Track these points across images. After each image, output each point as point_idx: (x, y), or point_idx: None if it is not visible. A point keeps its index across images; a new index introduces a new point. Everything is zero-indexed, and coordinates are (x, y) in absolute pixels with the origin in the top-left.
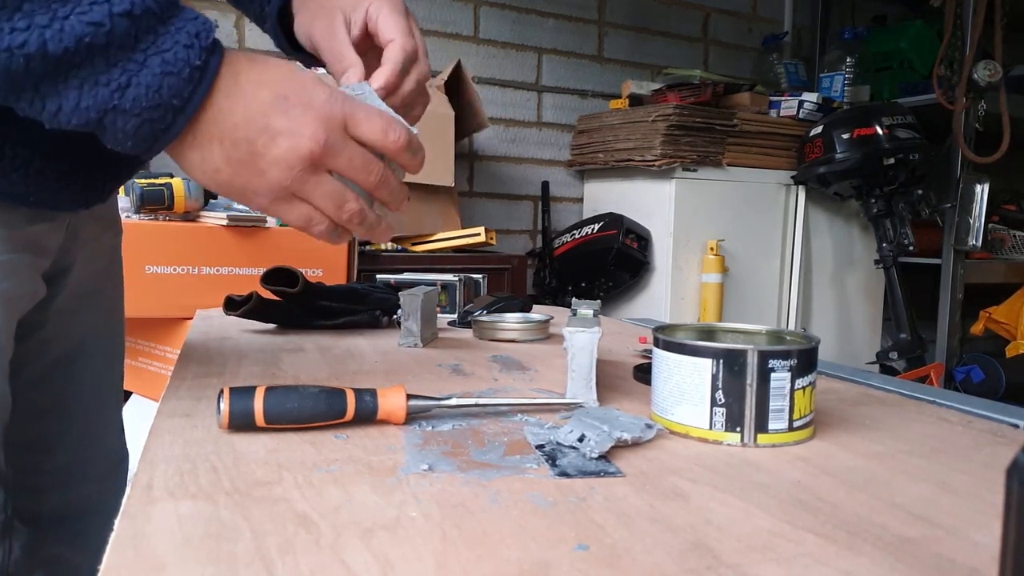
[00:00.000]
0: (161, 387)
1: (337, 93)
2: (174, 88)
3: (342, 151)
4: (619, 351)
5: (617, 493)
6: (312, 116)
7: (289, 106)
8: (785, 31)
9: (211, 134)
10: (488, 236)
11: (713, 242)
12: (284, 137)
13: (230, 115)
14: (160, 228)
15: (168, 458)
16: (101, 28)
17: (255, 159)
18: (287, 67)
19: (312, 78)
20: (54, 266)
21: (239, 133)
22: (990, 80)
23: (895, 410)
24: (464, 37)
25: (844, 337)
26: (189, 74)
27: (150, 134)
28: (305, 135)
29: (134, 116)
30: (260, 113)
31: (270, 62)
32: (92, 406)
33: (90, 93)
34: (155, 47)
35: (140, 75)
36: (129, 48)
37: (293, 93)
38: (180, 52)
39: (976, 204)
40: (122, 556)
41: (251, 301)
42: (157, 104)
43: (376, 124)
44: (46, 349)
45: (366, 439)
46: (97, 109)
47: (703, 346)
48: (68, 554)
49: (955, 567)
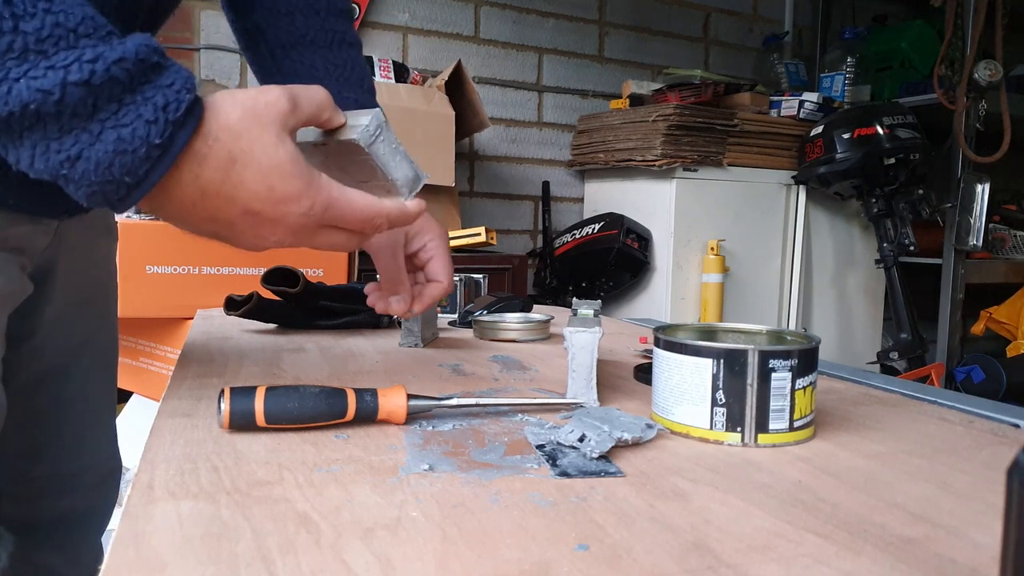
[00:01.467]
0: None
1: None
2: (127, 166)
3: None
4: (620, 351)
5: (618, 493)
6: (281, 230)
7: (257, 222)
8: (786, 31)
9: (175, 214)
10: (489, 236)
11: (714, 242)
12: (248, 240)
13: (192, 216)
14: (161, 228)
15: (169, 458)
16: (50, 96)
17: (224, 238)
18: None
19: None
20: (37, 269)
21: (203, 229)
22: (991, 80)
23: (896, 410)
24: (465, 37)
25: (845, 337)
26: (147, 152)
27: (103, 202)
28: (270, 240)
29: (84, 187)
30: (226, 223)
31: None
32: (84, 415)
33: (42, 157)
34: (114, 119)
35: (92, 149)
36: (85, 117)
37: (266, 208)
38: (140, 128)
39: (977, 204)
40: (123, 555)
41: (252, 301)
42: (108, 180)
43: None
44: (37, 358)
45: (367, 439)
46: (49, 172)
47: (704, 346)
48: (57, 563)
49: (955, 567)
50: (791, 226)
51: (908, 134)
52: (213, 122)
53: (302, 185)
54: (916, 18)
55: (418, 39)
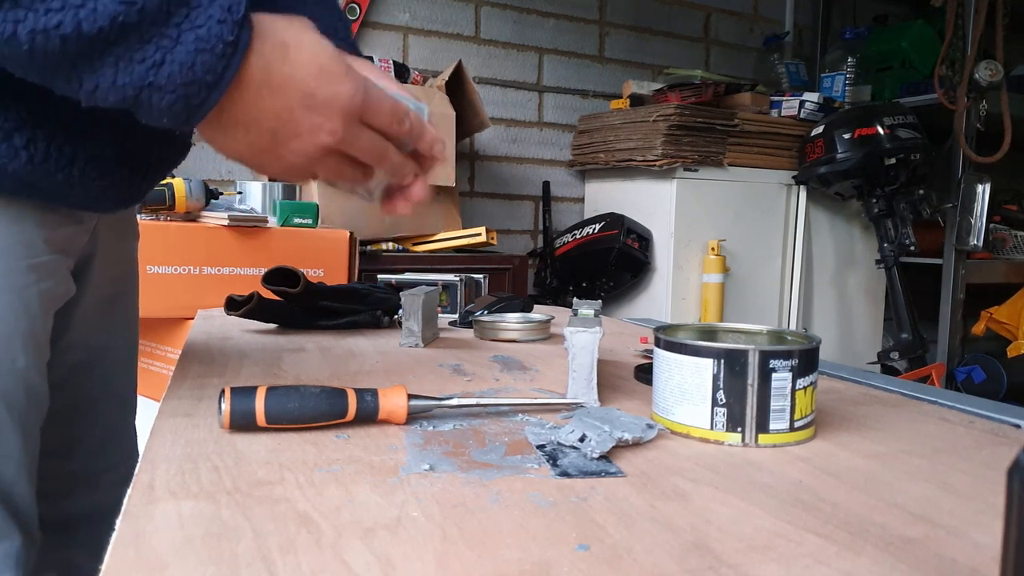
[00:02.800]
0: (162, 387)
1: (360, 83)
2: (208, 64)
3: (356, 141)
4: (620, 351)
5: (618, 493)
6: (335, 114)
7: (315, 103)
8: (786, 31)
9: (237, 119)
10: (489, 236)
11: (714, 242)
12: (306, 131)
13: (257, 106)
14: (162, 228)
15: (169, 458)
16: (133, 6)
17: (275, 147)
18: (319, 57)
19: (341, 70)
20: (76, 267)
21: (264, 124)
22: (991, 80)
23: (896, 410)
24: (465, 37)
25: (845, 337)
26: (222, 50)
27: (184, 110)
28: (325, 130)
29: (169, 92)
30: (286, 109)
31: (303, 49)
32: (109, 411)
33: (126, 71)
34: (188, 22)
35: (174, 52)
36: (162, 24)
37: (320, 88)
38: (214, 27)
39: (977, 204)
40: (123, 555)
41: (252, 301)
42: (191, 80)
43: (387, 113)
44: (67, 354)
45: (367, 439)
46: (134, 86)
47: (704, 346)
48: (80, 559)
49: (956, 567)
50: (791, 226)
51: (909, 134)
52: (263, 20)
53: (348, 65)
54: (917, 18)
55: (418, 39)
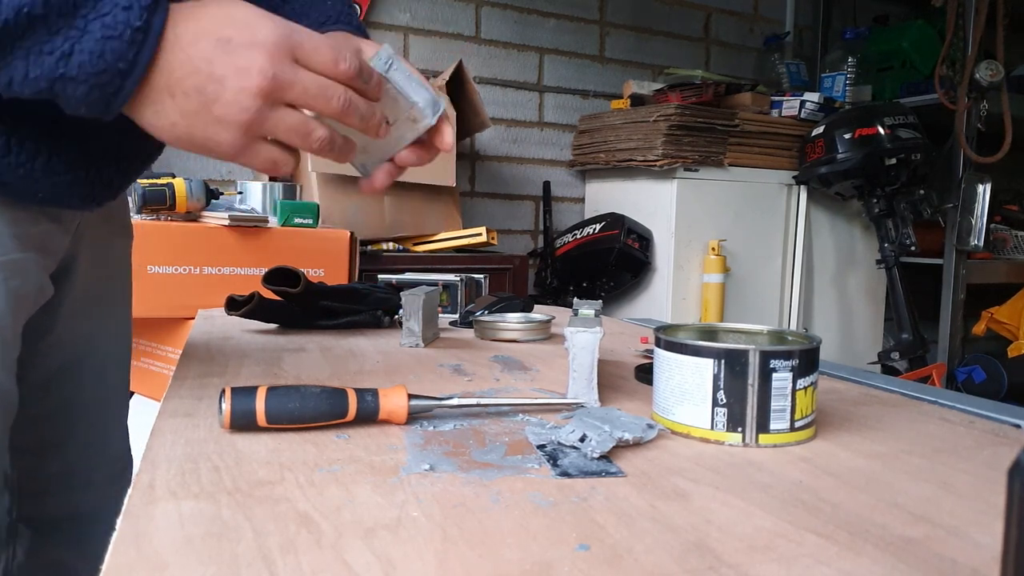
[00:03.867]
0: (163, 387)
1: (282, 25)
2: (117, 52)
3: (294, 81)
4: (620, 351)
5: (618, 493)
6: (257, 52)
7: (232, 47)
8: (787, 31)
9: (160, 89)
10: (489, 236)
11: (715, 242)
12: (231, 79)
13: (175, 69)
14: (162, 228)
15: (170, 458)
16: None
17: (208, 107)
18: (227, 7)
19: (255, 13)
20: (59, 268)
21: (187, 84)
22: (992, 80)
23: (897, 410)
24: (466, 37)
25: (846, 337)
26: (131, 36)
27: (101, 98)
28: (252, 71)
29: (82, 83)
30: (204, 60)
31: (208, 7)
32: (97, 411)
33: (36, 63)
34: (95, 11)
35: (81, 42)
36: (69, 15)
37: (235, 33)
38: (120, 15)
39: (978, 204)
40: (124, 555)
41: (253, 301)
42: (103, 69)
43: (325, 53)
44: (54, 353)
45: (367, 439)
46: (46, 78)
47: (705, 346)
48: (70, 559)
49: (956, 567)
50: (792, 226)
51: (909, 134)
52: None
53: (260, 11)
54: (917, 18)
55: (419, 39)
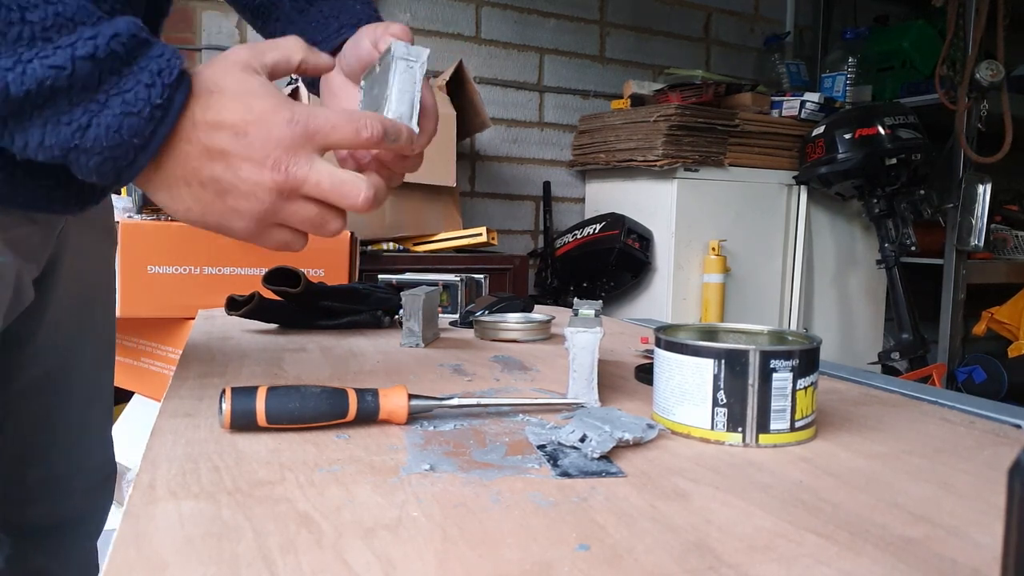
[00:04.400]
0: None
1: (299, 112)
2: (134, 128)
3: (307, 178)
4: (621, 351)
5: (618, 493)
6: (273, 145)
7: (249, 141)
8: (787, 31)
9: (176, 176)
10: (490, 236)
11: (715, 242)
12: (247, 172)
13: (191, 159)
14: (162, 228)
15: (170, 458)
16: (63, 71)
17: (223, 197)
18: (246, 95)
19: (273, 103)
20: (42, 273)
21: (203, 174)
22: (992, 80)
23: (897, 410)
24: (466, 37)
25: (846, 337)
26: (150, 113)
27: (112, 171)
28: (267, 167)
29: (96, 155)
30: (220, 152)
31: (227, 92)
32: (80, 419)
33: (53, 132)
34: (117, 88)
35: (101, 116)
36: (91, 89)
37: (252, 125)
38: (141, 92)
39: (978, 204)
40: (124, 555)
41: (253, 301)
42: (118, 144)
43: (345, 130)
44: (37, 360)
45: (368, 439)
46: (60, 147)
47: (705, 346)
48: (52, 567)
49: (956, 567)
50: (792, 226)
51: (909, 134)
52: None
53: (278, 100)
54: (917, 18)
55: (419, 39)
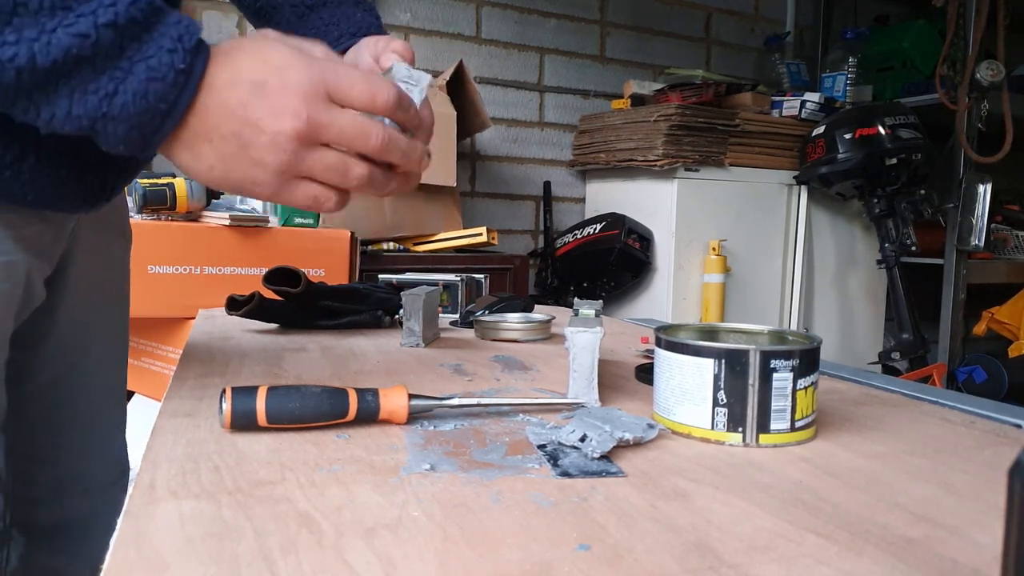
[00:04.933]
0: (163, 387)
1: (317, 64)
2: (160, 93)
3: (330, 123)
4: (621, 351)
5: (619, 493)
6: (291, 94)
7: (266, 91)
8: (787, 31)
9: (198, 134)
10: (490, 236)
11: (715, 242)
12: (267, 123)
13: (212, 114)
14: (163, 228)
15: (171, 457)
16: (87, 39)
17: (245, 150)
18: (261, 50)
19: (287, 54)
20: (54, 272)
21: (224, 128)
22: (992, 80)
23: (897, 410)
24: (466, 37)
25: (846, 337)
26: (174, 78)
27: (139, 138)
28: (287, 114)
29: (123, 122)
30: (239, 105)
31: (244, 50)
32: (93, 418)
33: (80, 101)
34: (140, 54)
35: (127, 82)
36: (115, 57)
37: (269, 76)
38: (164, 57)
39: (979, 204)
40: (124, 555)
41: (253, 301)
42: (145, 109)
43: (362, 88)
44: (52, 360)
45: (368, 439)
46: (88, 116)
47: (705, 346)
48: (64, 566)
49: (957, 567)
50: (792, 226)
51: (910, 134)
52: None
53: (294, 53)
54: (918, 18)
55: (419, 39)
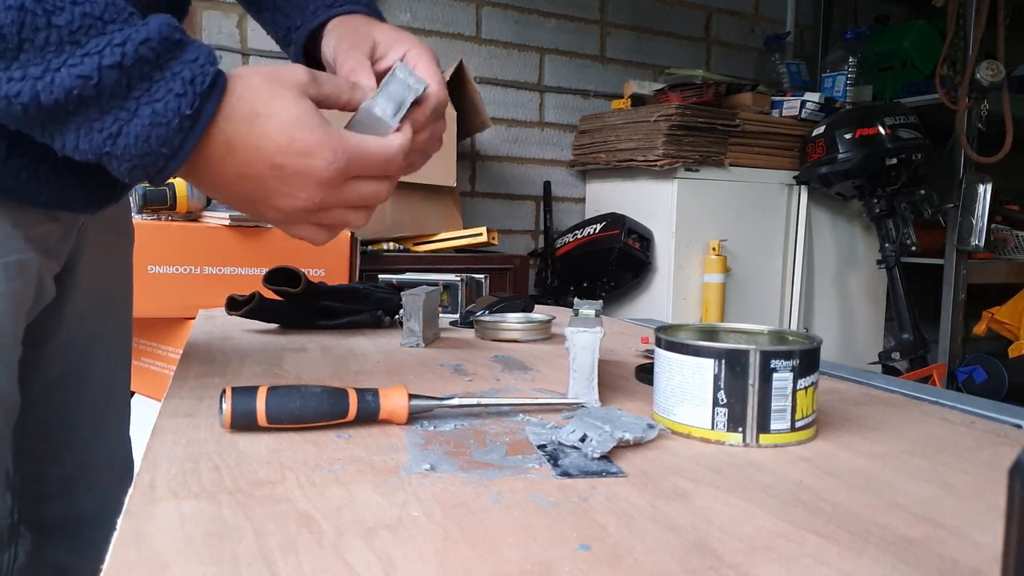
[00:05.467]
0: (163, 387)
1: (340, 152)
2: (163, 138)
3: (339, 201)
4: (621, 351)
5: (619, 493)
6: (310, 183)
7: (285, 174)
8: (787, 31)
9: (209, 181)
10: (490, 236)
11: (715, 242)
12: (281, 196)
13: (224, 173)
14: (163, 228)
15: (171, 458)
16: (89, 81)
17: (255, 206)
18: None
19: (316, 138)
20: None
21: (235, 189)
22: (993, 80)
23: (897, 410)
24: (466, 37)
25: (846, 337)
26: (179, 124)
27: (143, 175)
28: (300, 199)
29: (126, 161)
30: (256, 178)
31: (273, 119)
32: (100, 415)
33: (86, 138)
34: (147, 95)
35: (130, 125)
36: (121, 97)
37: (289, 161)
38: (171, 102)
39: (979, 204)
40: (125, 555)
41: (253, 301)
42: (147, 152)
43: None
44: (58, 357)
45: (368, 439)
46: (94, 152)
47: (705, 346)
48: (71, 562)
49: (957, 568)
50: (793, 226)
51: (910, 134)
52: (237, 85)
53: (322, 135)
54: (918, 18)
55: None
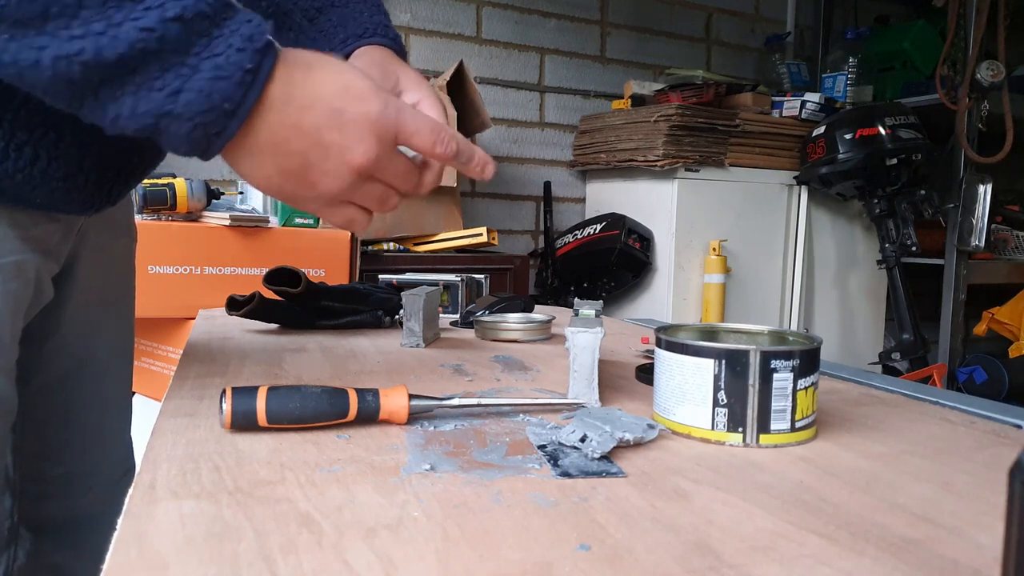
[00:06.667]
0: (164, 387)
1: (392, 103)
2: (225, 92)
3: (389, 163)
4: (621, 351)
5: (619, 493)
6: (366, 130)
7: (343, 120)
8: (788, 31)
9: (264, 144)
10: (490, 236)
11: (715, 242)
12: (336, 151)
13: (283, 128)
14: (163, 228)
15: (171, 457)
16: (153, 33)
17: (307, 171)
18: (344, 75)
19: (368, 88)
20: (61, 270)
21: (292, 146)
22: (993, 80)
23: (898, 411)
24: (466, 37)
25: (847, 338)
26: (241, 78)
27: (203, 138)
28: (358, 151)
29: (187, 120)
30: (313, 128)
31: (327, 69)
32: (100, 415)
33: (145, 98)
34: (208, 51)
35: (192, 80)
36: (182, 52)
37: (348, 106)
38: (233, 56)
39: (979, 204)
40: (125, 555)
41: (253, 301)
42: (209, 108)
43: (426, 137)
44: (58, 357)
45: (368, 439)
46: (153, 114)
47: (705, 346)
48: (70, 562)
49: (957, 568)
50: (793, 226)
51: (910, 134)
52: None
53: (374, 86)
54: (918, 18)
55: (420, 39)
